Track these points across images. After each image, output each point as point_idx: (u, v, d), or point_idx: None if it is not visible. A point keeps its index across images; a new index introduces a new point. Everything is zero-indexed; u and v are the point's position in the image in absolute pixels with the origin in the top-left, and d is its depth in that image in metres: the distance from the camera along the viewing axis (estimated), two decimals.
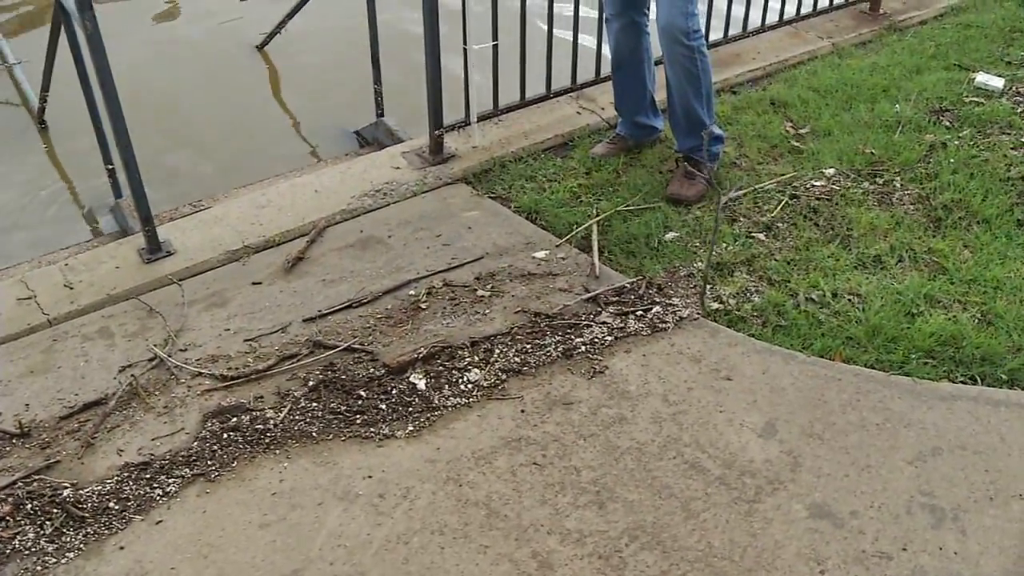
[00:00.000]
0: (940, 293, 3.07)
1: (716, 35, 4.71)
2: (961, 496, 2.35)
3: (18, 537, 2.28)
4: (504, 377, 2.70)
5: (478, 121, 3.86)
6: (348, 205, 3.54)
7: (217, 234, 3.43)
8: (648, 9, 3.59)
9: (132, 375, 2.78)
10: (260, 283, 3.18)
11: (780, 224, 3.42)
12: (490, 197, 3.59)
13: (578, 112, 4.11)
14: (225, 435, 2.55)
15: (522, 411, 2.59)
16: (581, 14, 4.05)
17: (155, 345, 2.90)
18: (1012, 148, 3.92)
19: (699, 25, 3.34)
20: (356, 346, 2.82)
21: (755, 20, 4.91)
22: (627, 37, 3.57)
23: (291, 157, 4.59)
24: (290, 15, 5.19)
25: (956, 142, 3.95)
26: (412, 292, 3.07)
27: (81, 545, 2.26)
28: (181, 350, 2.89)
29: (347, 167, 3.80)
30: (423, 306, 2.99)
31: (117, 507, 2.35)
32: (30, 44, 5.51)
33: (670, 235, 3.35)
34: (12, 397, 2.73)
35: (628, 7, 3.51)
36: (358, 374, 2.72)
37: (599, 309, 2.95)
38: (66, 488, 2.40)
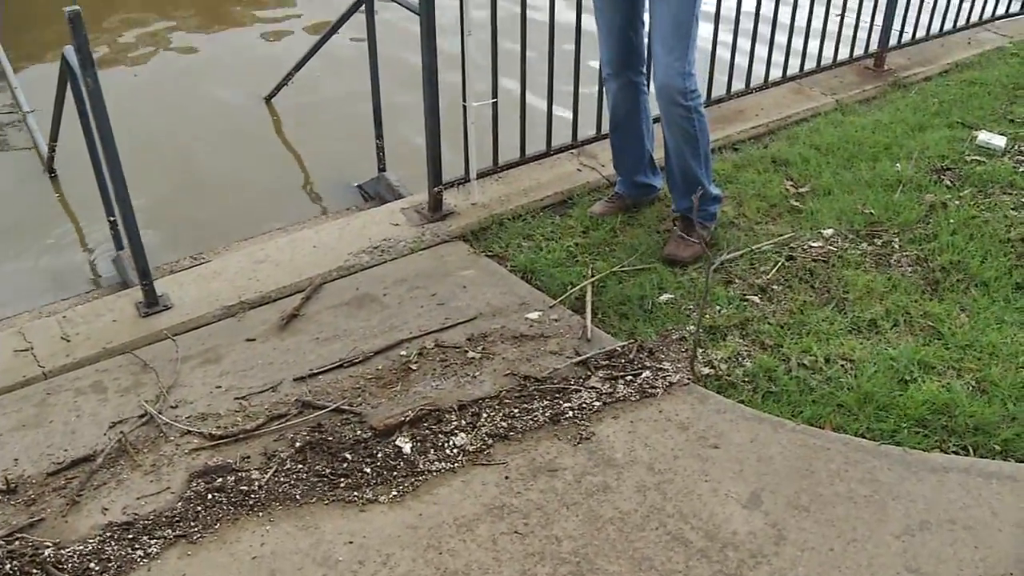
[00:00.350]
0: (934, 359, 3.05)
1: (719, 91, 4.73)
2: (949, 574, 2.32)
3: None
4: (490, 442, 2.69)
5: (478, 178, 3.89)
6: (345, 262, 3.56)
7: (215, 289, 3.45)
8: (645, 69, 3.62)
9: (122, 432, 2.79)
10: (254, 340, 3.20)
11: (775, 286, 3.41)
12: (487, 256, 3.60)
13: (579, 169, 4.13)
14: (210, 495, 2.55)
15: (506, 477, 2.58)
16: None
17: (147, 401, 2.92)
18: (1013, 208, 3.92)
19: (696, 85, 3.36)
20: (345, 407, 2.83)
21: (760, 75, 4.94)
22: (625, 97, 3.60)
23: (294, 209, 4.64)
24: (297, 67, 5.26)
25: (956, 202, 3.95)
26: (404, 352, 3.07)
27: None
28: (172, 407, 2.90)
29: (346, 222, 3.83)
30: (414, 367, 3.00)
31: (98, 568, 2.35)
32: (45, 92, 5.61)
33: (664, 297, 3.35)
34: (2, 452, 2.75)
35: (625, 67, 3.54)
36: (345, 436, 2.72)
37: (589, 373, 2.95)
38: (48, 547, 2.40)
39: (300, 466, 2.63)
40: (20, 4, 7.57)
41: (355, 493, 2.54)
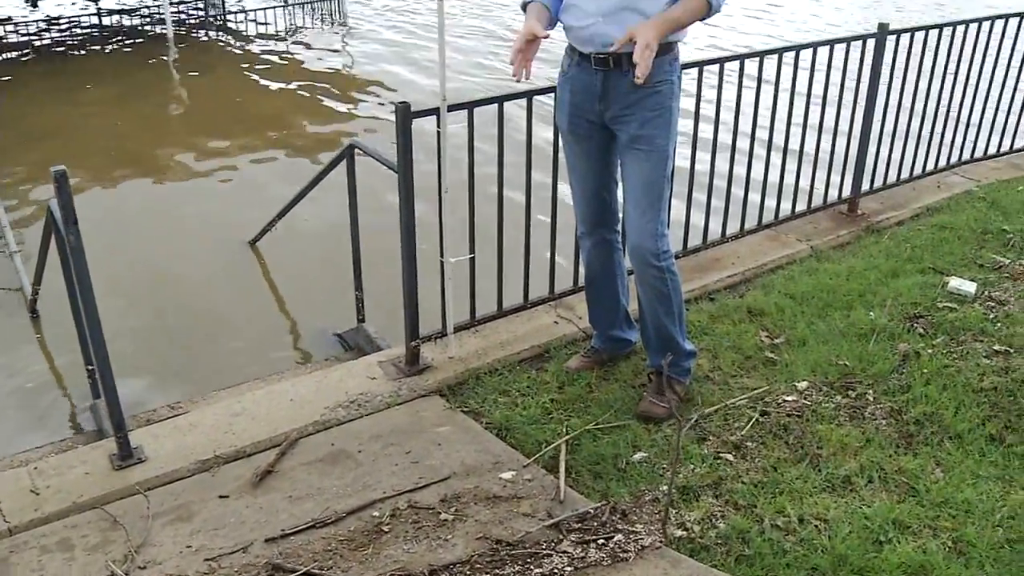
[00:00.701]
0: (909, 518, 3.04)
1: (696, 240, 4.83)
2: None
3: None
4: None
5: (455, 331, 3.93)
6: (322, 416, 3.56)
7: (190, 442, 3.44)
8: (619, 227, 3.69)
9: None
10: (227, 496, 3.18)
11: (750, 443, 3.42)
12: (463, 411, 3.61)
13: (556, 321, 4.18)
14: None
15: None
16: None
17: (114, 561, 2.88)
18: (984, 357, 3.95)
19: (668, 245, 3.42)
20: (315, 571, 2.79)
21: (736, 222, 5.04)
22: (599, 254, 3.67)
23: (276, 355, 4.68)
24: (281, 214, 5.38)
25: (929, 351, 3.99)
26: (376, 513, 3.05)
27: None
28: (140, 568, 2.86)
29: (324, 375, 3.85)
30: (386, 529, 2.97)
31: None
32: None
33: (638, 456, 3.35)
34: None
35: (599, 225, 3.62)
36: None
37: (561, 536, 2.93)
38: None
39: None
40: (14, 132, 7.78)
41: None
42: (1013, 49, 6.01)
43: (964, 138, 6.19)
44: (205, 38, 13.82)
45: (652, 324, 3.54)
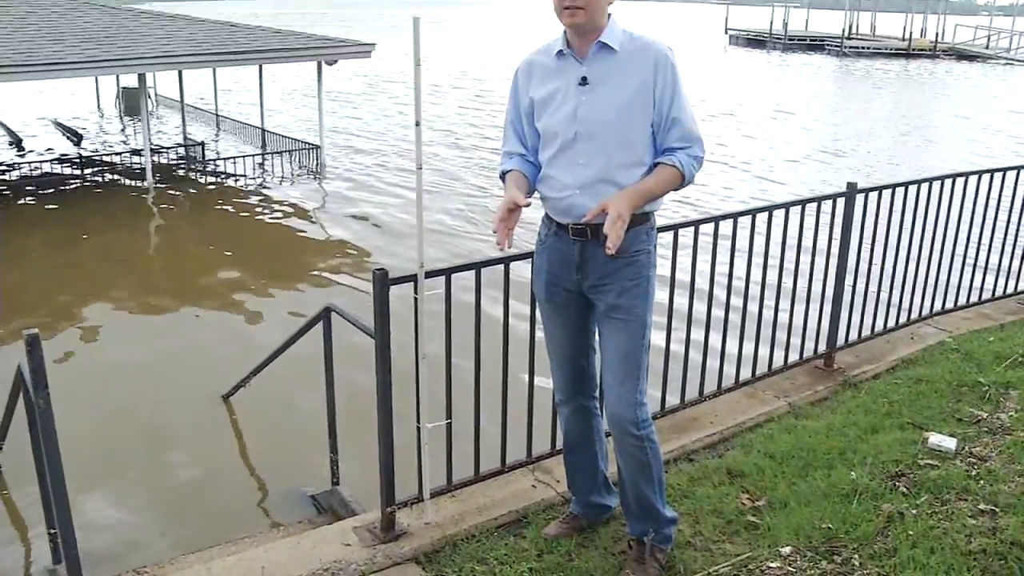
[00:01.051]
0: None
1: (673, 400, 4.80)
2: None
3: None
4: None
5: (432, 496, 3.85)
6: None
7: None
8: (596, 393, 3.66)
9: None
10: None
11: None
12: None
13: (533, 485, 4.11)
14: None
15: None
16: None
17: None
18: (970, 516, 3.89)
19: (648, 414, 3.38)
20: None
21: (713, 381, 5.03)
22: (577, 421, 3.62)
23: (247, 516, 4.57)
24: (255, 371, 5.34)
25: (914, 511, 3.93)
26: None
27: None
28: None
29: (297, 541, 3.75)
30: None
31: None
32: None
33: None
34: None
35: (577, 393, 3.58)
36: None
37: None
38: None
39: None
40: None
41: None
42: (975, 203, 6.18)
43: (935, 289, 6.29)
44: (176, 192, 13.96)
45: (632, 491, 3.48)
